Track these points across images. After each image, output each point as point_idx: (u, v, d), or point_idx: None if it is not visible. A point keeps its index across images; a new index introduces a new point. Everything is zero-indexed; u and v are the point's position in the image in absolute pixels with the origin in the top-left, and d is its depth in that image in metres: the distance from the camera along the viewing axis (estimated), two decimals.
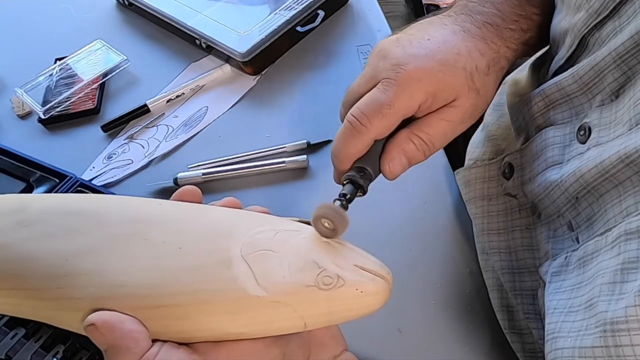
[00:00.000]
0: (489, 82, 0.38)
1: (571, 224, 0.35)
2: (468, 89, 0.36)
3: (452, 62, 0.36)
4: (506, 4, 0.40)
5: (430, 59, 0.36)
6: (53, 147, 0.60)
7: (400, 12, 1.31)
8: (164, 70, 0.66)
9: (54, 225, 0.30)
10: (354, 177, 0.34)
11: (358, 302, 0.27)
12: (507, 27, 0.39)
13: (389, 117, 0.35)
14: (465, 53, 0.37)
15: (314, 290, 0.27)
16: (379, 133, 0.35)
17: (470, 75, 0.36)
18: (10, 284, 0.29)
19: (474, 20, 0.39)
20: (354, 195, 0.33)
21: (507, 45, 0.39)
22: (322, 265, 0.28)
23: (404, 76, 0.35)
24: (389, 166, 0.36)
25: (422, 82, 0.35)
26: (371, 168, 0.35)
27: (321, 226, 0.29)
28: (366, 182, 0.35)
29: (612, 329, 0.26)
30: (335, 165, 0.37)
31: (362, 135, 0.35)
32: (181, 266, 0.28)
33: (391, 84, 0.35)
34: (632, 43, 0.31)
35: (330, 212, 0.28)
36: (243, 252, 0.28)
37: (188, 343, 0.28)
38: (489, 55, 0.38)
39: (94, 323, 0.26)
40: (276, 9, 0.64)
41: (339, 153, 0.36)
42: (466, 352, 0.42)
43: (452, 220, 0.49)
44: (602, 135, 0.32)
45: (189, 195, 0.33)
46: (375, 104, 0.35)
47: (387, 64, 0.36)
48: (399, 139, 0.36)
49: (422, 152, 0.36)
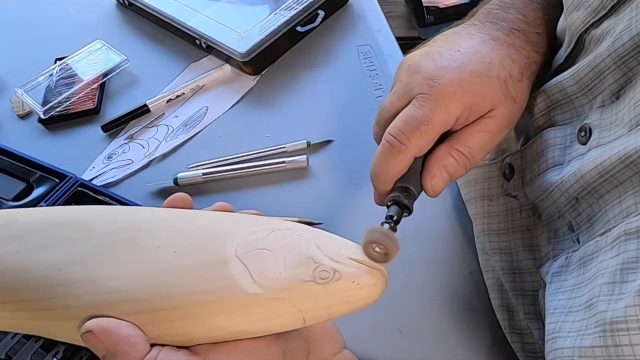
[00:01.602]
0: (522, 88, 0.37)
1: (572, 224, 0.35)
2: (504, 97, 0.36)
3: (485, 72, 0.36)
4: (529, 8, 0.40)
5: (463, 70, 0.35)
6: (53, 147, 0.60)
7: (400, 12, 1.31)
8: (164, 70, 0.66)
9: (44, 236, 0.30)
10: (399, 198, 0.33)
11: (355, 294, 0.28)
12: (533, 31, 0.39)
13: (427, 133, 0.34)
14: (497, 62, 0.36)
15: (311, 285, 0.27)
16: (419, 150, 0.35)
17: (504, 84, 0.36)
18: (4, 298, 0.28)
19: (500, 27, 0.39)
20: (400, 217, 0.33)
21: (535, 50, 0.39)
22: (318, 260, 0.28)
23: (439, 90, 0.34)
24: (432, 183, 0.35)
25: (457, 95, 0.34)
26: (413, 186, 0.35)
27: (372, 251, 0.28)
28: (410, 202, 0.34)
29: (612, 328, 0.26)
30: (376, 187, 0.36)
31: (402, 154, 0.34)
32: (177, 269, 0.28)
33: (427, 99, 0.34)
34: (632, 44, 0.31)
35: (381, 237, 0.28)
36: (238, 252, 0.28)
37: (187, 346, 0.28)
38: (521, 61, 0.37)
39: (91, 329, 0.26)
40: (276, 9, 0.64)
41: (379, 174, 0.35)
42: (466, 352, 0.42)
43: (452, 221, 0.49)
44: (603, 136, 0.32)
45: (180, 202, 0.33)
46: (413, 120, 0.34)
47: (419, 78, 0.36)
48: (439, 154, 0.35)
49: (463, 166, 0.36)
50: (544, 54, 0.39)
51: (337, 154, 0.56)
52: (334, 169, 0.55)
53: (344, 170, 0.54)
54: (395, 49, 0.64)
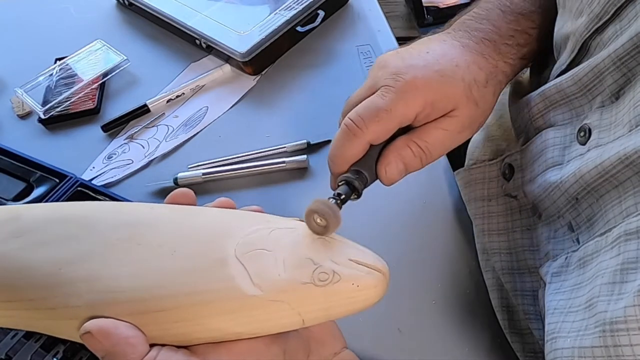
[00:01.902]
0: (487, 94, 0.38)
1: (571, 224, 0.35)
2: (466, 99, 0.37)
3: (451, 74, 0.37)
4: (502, 20, 0.41)
5: (428, 69, 0.37)
6: (53, 147, 0.60)
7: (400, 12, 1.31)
8: (164, 70, 0.66)
9: (47, 234, 0.30)
10: (350, 179, 0.34)
11: (355, 296, 0.27)
12: (503, 42, 0.40)
13: (385, 121, 0.35)
14: (463, 66, 0.37)
15: (310, 287, 0.27)
16: (375, 137, 0.35)
17: (468, 87, 0.37)
18: (6, 296, 0.28)
19: (472, 36, 0.40)
20: (348, 196, 0.33)
21: (504, 60, 0.40)
22: (318, 261, 0.28)
23: (403, 84, 0.36)
24: (386, 170, 0.36)
25: (420, 91, 0.36)
26: (367, 173, 0.35)
27: (313, 222, 0.29)
28: (361, 185, 0.35)
29: (612, 329, 0.26)
30: (331, 169, 0.37)
31: (358, 138, 0.35)
32: (176, 269, 0.28)
33: (390, 91, 0.36)
34: (632, 45, 0.31)
35: (323, 208, 0.28)
36: (237, 252, 0.28)
37: (187, 346, 0.28)
38: (487, 69, 0.39)
39: (90, 331, 0.26)
40: (276, 9, 0.64)
41: (335, 156, 0.36)
42: (466, 352, 0.42)
43: (452, 221, 0.49)
44: (602, 136, 0.32)
45: (182, 197, 0.33)
46: (373, 107, 0.35)
47: (386, 73, 0.37)
48: (397, 144, 0.36)
49: (419, 159, 0.37)
50: (514, 65, 0.41)
51: None
52: None
53: None
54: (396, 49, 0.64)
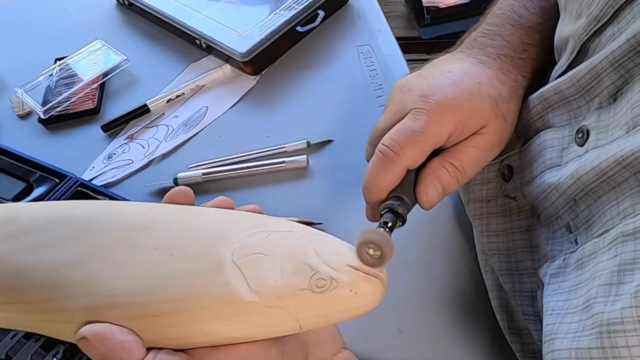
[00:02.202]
0: (512, 108, 0.39)
1: (570, 225, 0.35)
2: (495, 115, 0.37)
3: (477, 91, 0.37)
4: (514, 35, 0.41)
5: (455, 88, 0.36)
6: (53, 147, 0.60)
7: (400, 12, 1.31)
8: (164, 70, 0.66)
9: (44, 235, 0.29)
10: (393, 206, 0.33)
11: (353, 302, 0.27)
12: (519, 57, 0.40)
13: (421, 144, 0.35)
14: (486, 82, 0.37)
15: (308, 294, 0.27)
16: (412, 162, 0.35)
17: (495, 102, 0.37)
18: (3, 298, 0.28)
19: (487, 53, 0.40)
20: (395, 224, 0.32)
21: (522, 75, 0.40)
22: (315, 267, 0.27)
23: (434, 105, 0.35)
24: (426, 193, 0.35)
25: (451, 110, 0.35)
26: (408, 198, 0.34)
27: (365, 254, 0.27)
28: (404, 211, 0.33)
29: (609, 330, 0.26)
30: (368, 199, 0.36)
31: (395, 164, 0.34)
32: (173, 273, 0.28)
33: (422, 113, 0.35)
34: (629, 47, 0.31)
35: (377, 238, 0.27)
36: (234, 256, 0.28)
37: (184, 349, 0.27)
38: (509, 83, 0.39)
39: (85, 336, 0.26)
40: (276, 9, 0.64)
41: (372, 185, 0.35)
42: (466, 352, 0.42)
43: (452, 221, 0.49)
44: (600, 138, 0.32)
45: (181, 196, 0.33)
46: (407, 131, 0.35)
47: (414, 96, 0.36)
48: (433, 166, 0.36)
49: (455, 180, 0.36)
50: (529, 78, 0.41)
51: (337, 154, 0.56)
52: (334, 169, 0.55)
53: (344, 170, 0.54)
54: (395, 49, 0.64)
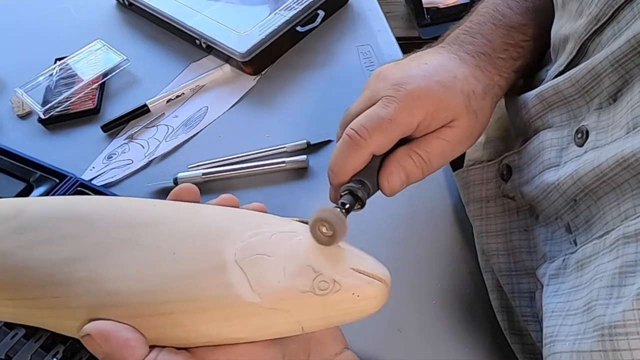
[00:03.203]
0: (485, 106, 0.39)
1: (569, 226, 0.35)
2: (466, 110, 0.37)
3: (450, 84, 0.37)
4: (495, 34, 0.41)
5: (429, 79, 0.37)
6: (53, 147, 0.60)
7: (400, 12, 1.31)
8: (164, 70, 0.66)
9: (48, 232, 0.29)
10: (353, 189, 0.33)
11: (355, 306, 0.27)
12: (498, 56, 0.41)
13: (389, 131, 0.35)
14: (461, 77, 0.38)
15: (310, 296, 0.27)
16: (378, 147, 0.35)
17: (467, 98, 0.37)
18: (7, 294, 0.28)
19: (467, 50, 0.40)
20: (352, 206, 0.33)
21: (499, 74, 0.40)
22: (318, 269, 0.27)
23: (405, 94, 0.36)
24: (388, 180, 0.36)
25: (422, 100, 0.36)
26: (370, 184, 0.35)
27: (318, 232, 0.28)
28: (365, 195, 0.34)
29: (610, 333, 0.26)
30: (332, 180, 0.36)
31: (362, 149, 0.35)
32: (175, 273, 0.28)
33: (392, 101, 0.36)
34: (629, 47, 0.31)
35: (331, 217, 0.27)
36: (237, 256, 0.28)
37: (186, 348, 0.28)
38: (484, 81, 0.39)
39: (89, 333, 0.26)
40: (276, 9, 0.64)
41: (337, 167, 0.35)
42: (466, 352, 0.42)
43: (452, 221, 0.49)
44: (600, 138, 0.32)
45: (186, 193, 0.33)
46: (375, 117, 0.35)
47: (387, 84, 0.37)
48: (398, 155, 0.36)
49: (420, 170, 0.36)
50: (508, 78, 0.41)
51: None
52: None
53: None
54: (395, 49, 0.64)
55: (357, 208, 0.33)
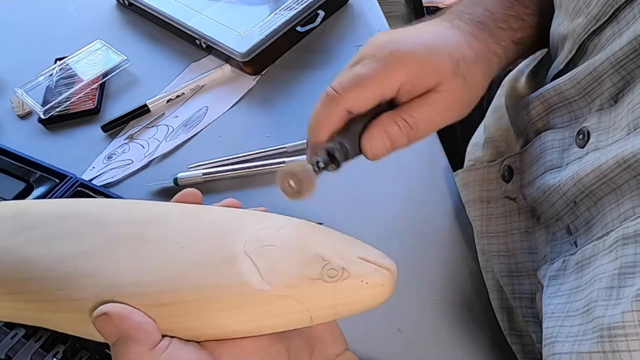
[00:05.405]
0: (476, 71, 0.37)
1: (569, 227, 0.35)
2: (453, 74, 0.36)
3: (437, 48, 0.36)
4: (497, 6, 0.41)
5: (414, 42, 0.36)
6: (53, 147, 0.60)
7: (400, 12, 1.31)
8: (164, 70, 0.66)
9: (53, 229, 0.30)
10: (330, 148, 0.33)
11: (364, 293, 0.28)
12: (497, 26, 0.39)
13: (365, 88, 0.34)
14: (452, 43, 0.37)
15: (319, 283, 0.27)
16: (354, 104, 0.34)
17: (456, 62, 0.36)
18: (10, 288, 0.29)
19: (464, 19, 0.39)
20: (327, 165, 0.32)
21: (497, 42, 0.39)
22: (327, 258, 0.28)
23: (387, 54, 0.35)
24: (371, 144, 0.35)
25: (403, 61, 0.35)
26: (350, 146, 0.34)
27: (286, 184, 0.28)
28: (341, 156, 0.33)
29: (610, 334, 0.26)
30: (309, 139, 0.36)
31: (337, 104, 0.34)
32: (184, 264, 0.28)
33: (372, 60, 0.35)
34: (631, 48, 0.31)
35: (298, 170, 0.28)
36: (246, 248, 0.28)
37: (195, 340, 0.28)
38: (477, 47, 0.38)
39: (107, 312, 0.26)
40: (276, 9, 0.64)
41: (313, 125, 0.35)
42: (466, 352, 0.42)
43: (453, 221, 0.49)
44: (601, 139, 0.32)
45: (190, 197, 0.33)
46: (353, 75, 0.35)
47: (372, 46, 0.36)
48: (382, 119, 0.35)
49: (405, 135, 0.35)
50: (505, 47, 0.40)
51: None
52: None
53: (344, 170, 0.54)
54: None
55: (331, 168, 0.33)
